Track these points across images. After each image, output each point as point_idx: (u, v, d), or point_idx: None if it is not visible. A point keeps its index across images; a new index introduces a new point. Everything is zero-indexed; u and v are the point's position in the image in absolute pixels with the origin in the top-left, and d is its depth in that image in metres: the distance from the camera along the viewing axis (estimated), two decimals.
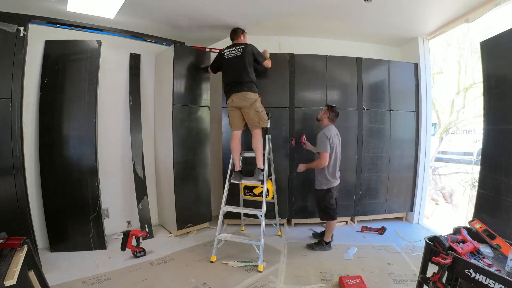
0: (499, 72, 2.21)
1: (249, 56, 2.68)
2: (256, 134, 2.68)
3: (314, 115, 3.00)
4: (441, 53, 5.92)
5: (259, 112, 2.67)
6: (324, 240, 2.79)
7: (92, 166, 2.68)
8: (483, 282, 1.18)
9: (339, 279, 2.16)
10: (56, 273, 2.22)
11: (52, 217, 2.63)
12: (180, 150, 3.02)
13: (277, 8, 2.75)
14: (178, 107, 2.98)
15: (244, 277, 2.27)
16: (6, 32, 2.17)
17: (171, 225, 3.15)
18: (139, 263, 2.49)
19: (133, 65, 3.19)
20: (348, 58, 3.35)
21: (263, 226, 2.51)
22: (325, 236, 2.80)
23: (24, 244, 1.37)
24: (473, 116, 5.31)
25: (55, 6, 2.45)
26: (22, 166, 2.27)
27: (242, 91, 2.63)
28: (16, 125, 2.21)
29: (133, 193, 3.12)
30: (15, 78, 2.20)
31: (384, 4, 2.64)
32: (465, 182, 5.60)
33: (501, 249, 1.51)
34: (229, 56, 2.73)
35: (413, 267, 2.40)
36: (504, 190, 2.09)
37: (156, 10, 2.68)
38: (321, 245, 2.78)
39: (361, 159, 3.38)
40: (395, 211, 3.59)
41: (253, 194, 2.88)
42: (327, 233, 2.80)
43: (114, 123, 3.11)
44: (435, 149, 6.13)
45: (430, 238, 1.52)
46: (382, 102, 3.42)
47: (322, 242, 2.79)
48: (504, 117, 2.17)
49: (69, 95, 2.66)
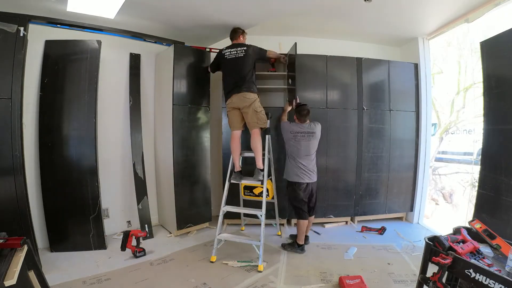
0: (499, 72, 2.21)
1: (251, 58, 2.70)
2: (255, 134, 2.68)
3: (314, 115, 3.00)
4: (441, 53, 5.91)
5: (257, 112, 2.67)
6: (297, 242, 2.68)
7: (92, 166, 2.68)
8: (483, 282, 1.18)
9: (339, 279, 2.16)
10: (56, 273, 2.22)
11: (52, 217, 2.63)
12: (180, 150, 3.02)
13: (278, 8, 2.75)
14: (178, 107, 2.98)
15: (244, 277, 2.27)
16: (6, 32, 2.17)
17: (171, 225, 3.15)
18: (139, 263, 2.49)
19: (133, 65, 3.19)
20: (348, 58, 3.35)
21: (263, 226, 2.51)
22: (297, 237, 2.68)
23: (24, 244, 1.37)
24: (473, 116, 5.30)
25: (55, 6, 2.45)
26: (22, 166, 2.27)
27: (241, 91, 2.64)
28: (16, 125, 2.21)
29: (133, 193, 3.12)
30: (15, 78, 2.20)
31: (384, 4, 2.64)
32: (465, 182, 5.60)
33: (501, 249, 1.51)
34: (230, 56, 2.73)
35: (413, 267, 2.40)
36: (504, 190, 2.09)
37: (156, 10, 2.68)
38: (292, 246, 2.69)
39: (361, 159, 3.38)
40: (395, 211, 3.59)
41: (253, 194, 2.88)
42: (299, 235, 2.66)
43: (114, 123, 3.11)
44: (435, 149, 6.13)
45: (430, 238, 1.52)
46: (382, 102, 3.42)
47: (294, 244, 2.69)
48: (504, 117, 2.17)
49: (69, 95, 2.66)
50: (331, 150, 3.32)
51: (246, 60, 2.67)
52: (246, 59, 2.67)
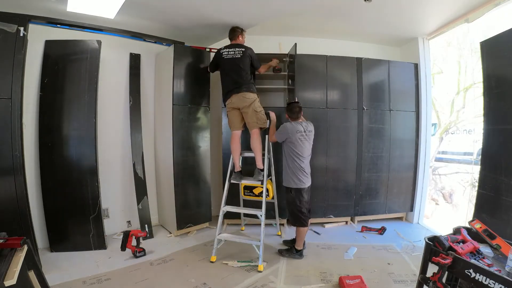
0: (499, 72, 2.21)
1: (247, 59, 2.71)
2: (255, 134, 2.69)
3: (314, 115, 3.01)
4: (441, 53, 5.91)
5: (257, 112, 2.68)
6: (295, 247, 2.61)
7: (92, 166, 2.68)
8: (483, 282, 1.18)
9: (339, 279, 2.16)
10: (56, 273, 2.22)
11: (52, 217, 2.63)
12: (180, 150, 3.02)
13: (278, 8, 2.75)
14: (178, 107, 2.98)
15: (244, 277, 2.27)
16: (6, 32, 2.17)
17: (171, 225, 3.15)
18: (139, 263, 2.49)
19: (133, 65, 3.19)
20: (348, 58, 3.35)
21: (263, 226, 2.51)
22: (296, 243, 2.61)
23: (24, 244, 1.37)
24: (473, 116, 5.30)
25: (55, 6, 2.45)
26: (22, 166, 2.27)
27: (241, 91, 2.64)
28: (16, 125, 2.20)
29: (133, 193, 3.12)
30: (15, 78, 2.19)
31: (384, 4, 2.64)
32: (465, 182, 5.60)
33: (501, 249, 1.51)
34: (228, 56, 2.73)
35: (413, 267, 2.40)
36: (504, 190, 2.09)
37: (156, 10, 2.68)
38: (291, 252, 2.61)
39: (361, 159, 3.38)
40: (395, 211, 3.59)
41: (253, 194, 2.88)
42: (298, 241, 2.59)
43: (114, 123, 3.11)
44: (435, 149, 6.13)
45: (430, 238, 1.52)
46: (382, 102, 3.42)
47: (292, 249, 2.62)
48: (504, 117, 2.17)
49: (69, 95, 2.66)
50: (331, 150, 3.32)
51: (243, 61, 2.68)
52: (244, 60, 2.68)
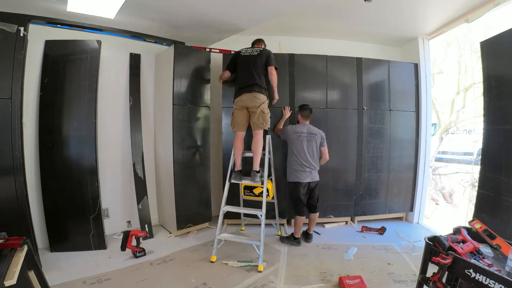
0: (499, 72, 2.21)
1: (264, 57, 2.71)
2: (258, 135, 2.68)
3: (314, 115, 3.01)
4: (441, 53, 5.92)
5: (264, 113, 2.68)
6: (293, 235, 2.88)
7: (92, 166, 2.68)
8: (483, 282, 1.18)
9: (339, 279, 2.16)
10: (56, 273, 2.22)
11: (52, 217, 2.62)
12: (180, 150, 3.02)
13: (278, 8, 2.75)
14: (178, 107, 2.98)
15: (244, 277, 2.27)
16: (6, 32, 2.17)
17: (171, 225, 3.15)
18: (139, 263, 2.48)
19: (133, 65, 3.19)
20: (348, 58, 3.35)
21: (263, 226, 2.51)
22: (294, 231, 2.89)
23: (24, 244, 1.37)
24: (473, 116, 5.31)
25: (55, 6, 2.45)
26: (22, 166, 2.27)
27: (253, 91, 2.63)
28: (16, 125, 2.20)
29: (133, 193, 3.12)
30: (15, 78, 2.19)
31: (384, 4, 2.64)
32: (465, 182, 5.61)
33: (501, 249, 1.51)
34: (245, 54, 2.76)
35: (413, 267, 2.40)
36: (504, 190, 2.09)
37: (156, 10, 2.68)
38: (289, 239, 2.89)
39: (361, 159, 3.38)
40: (395, 211, 3.59)
41: (253, 194, 2.88)
42: (296, 229, 2.87)
43: (114, 123, 3.10)
44: (435, 149, 6.14)
45: (430, 238, 1.52)
46: (382, 102, 3.42)
47: (291, 237, 2.90)
48: (504, 117, 2.17)
49: (69, 95, 2.66)
50: (331, 150, 3.29)
51: (260, 58, 2.69)
52: (260, 57, 2.70)
